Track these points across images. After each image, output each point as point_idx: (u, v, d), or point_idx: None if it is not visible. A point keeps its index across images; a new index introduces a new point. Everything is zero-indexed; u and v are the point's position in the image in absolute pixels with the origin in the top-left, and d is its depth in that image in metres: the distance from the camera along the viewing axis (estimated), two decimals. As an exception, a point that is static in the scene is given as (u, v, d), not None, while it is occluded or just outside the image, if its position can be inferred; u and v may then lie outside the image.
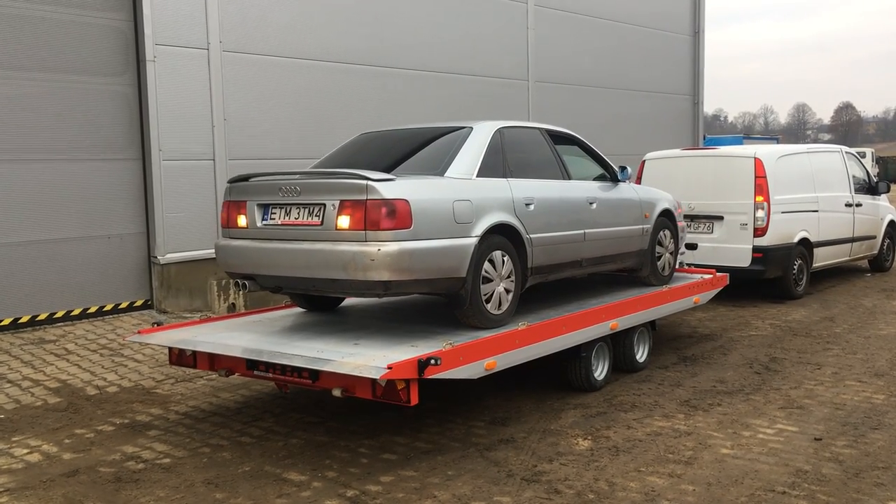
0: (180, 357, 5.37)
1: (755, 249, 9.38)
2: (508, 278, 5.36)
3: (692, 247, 9.54)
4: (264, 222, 5.16)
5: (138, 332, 5.57)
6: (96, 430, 5.34)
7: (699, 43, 16.80)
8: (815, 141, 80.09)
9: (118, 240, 8.80)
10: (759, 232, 9.37)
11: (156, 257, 8.92)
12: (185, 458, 4.79)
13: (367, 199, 4.65)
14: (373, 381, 4.29)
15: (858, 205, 11.11)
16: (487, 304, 5.19)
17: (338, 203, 4.76)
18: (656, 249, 7.13)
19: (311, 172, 5.23)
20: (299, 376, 4.65)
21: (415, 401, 4.36)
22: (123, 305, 8.88)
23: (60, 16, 8.27)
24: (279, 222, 5.07)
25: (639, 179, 10.35)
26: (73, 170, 8.43)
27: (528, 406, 5.68)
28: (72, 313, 8.49)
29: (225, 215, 5.42)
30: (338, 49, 10.41)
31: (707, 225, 9.75)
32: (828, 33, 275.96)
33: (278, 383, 5.21)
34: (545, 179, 5.98)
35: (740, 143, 24.30)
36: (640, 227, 6.87)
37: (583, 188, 6.30)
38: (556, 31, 13.51)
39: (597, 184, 6.56)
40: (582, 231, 6.10)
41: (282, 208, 5.07)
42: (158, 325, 5.75)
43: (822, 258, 10.37)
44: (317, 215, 4.87)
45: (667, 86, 16.10)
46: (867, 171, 11.83)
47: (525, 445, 4.88)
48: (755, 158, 9.47)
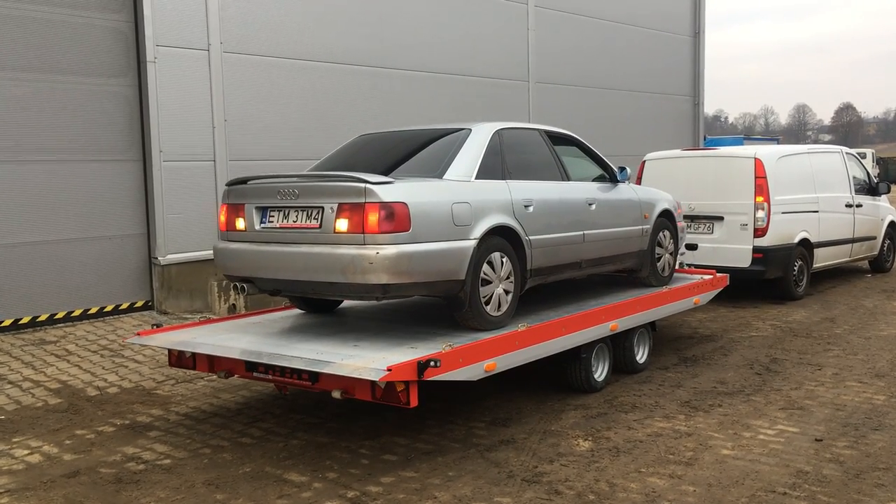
0: (180, 359, 5.37)
1: (755, 250, 9.38)
2: (508, 280, 5.35)
3: (692, 247, 9.54)
4: (262, 225, 5.15)
5: (137, 334, 5.57)
6: (97, 431, 5.34)
7: (699, 44, 16.81)
8: (816, 142, 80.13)
9: (119, 241, 8.81)
10: (759, 232, 9.37)
11: (156, 258, 8.92)
12: (186, 458, 4.80)
13: (365, 202, 4.64)
14: (372, 382, 4.29)
15: (859, 205, 11.10)
16: (487, 306, 5.19)
17: (336, 206, 4.76)
18: (656, 250, 7.12)
19: (310, 175, 5.23)
20: (299, 378, 4.65)
21: (414, 403, 4.36)
22: (124, 306, 8.88)
23: (61, 17, 8.28)
24: (277, 225, 5.07)
25: (639, 180, 10.35)
26: (74, 171, 8.44)
27: (528, 407, 5.68)
28: (72, 314, 8.49)
29: (223, 218, 5.41)
30: (338, 50, 10.41)
31: (707, 225, 9.75)
32: (828, 34, 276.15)
33: (278, 385, 5.21)
34: (544, 181, 5.97)
35: (741, 144, 24.27)
36: (640, 227, 6.86)
37: (582, 189, 6.29)
38: (556, 32, 13.51)
39: (596, 185, 6.56)
40: (581, 232, 6.09)
41: (280, 211, 5.07)
42: (157, 326, 5.75)
43: (822, 259, 10.37)
44: (315, 218, 4.87)
45: (667, 86, 16.11)
46: (867, 172, 11.83)
47: (526, 446, 4.88)
48: (755, 159, 9.46)
